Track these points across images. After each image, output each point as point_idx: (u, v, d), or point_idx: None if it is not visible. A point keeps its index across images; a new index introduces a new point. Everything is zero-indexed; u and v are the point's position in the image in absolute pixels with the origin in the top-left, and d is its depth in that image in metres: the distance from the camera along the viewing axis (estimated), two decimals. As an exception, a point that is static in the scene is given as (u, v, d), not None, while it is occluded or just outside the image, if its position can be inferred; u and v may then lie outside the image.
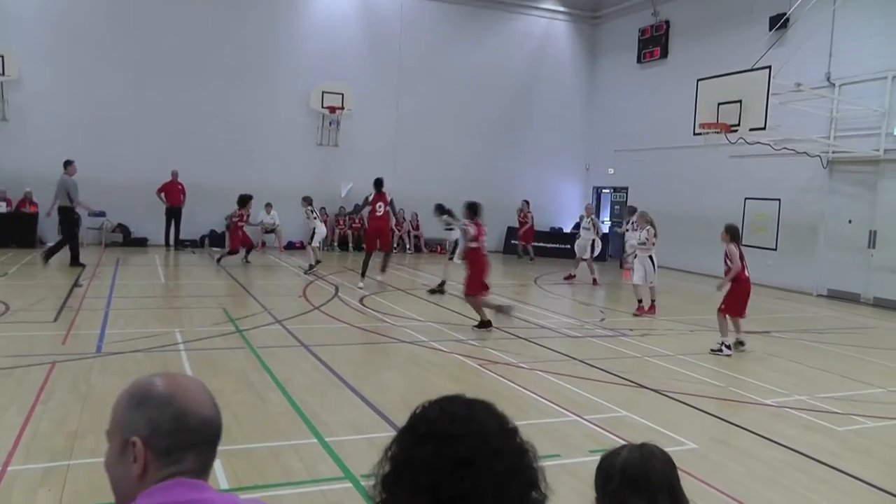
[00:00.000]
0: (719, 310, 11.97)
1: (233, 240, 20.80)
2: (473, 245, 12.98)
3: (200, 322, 12.06)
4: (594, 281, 20.07)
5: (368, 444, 6.69)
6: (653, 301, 15.49)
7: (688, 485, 5.86)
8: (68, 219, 18.10)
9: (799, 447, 7.26)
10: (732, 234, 12.19)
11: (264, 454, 6.33)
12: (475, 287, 12.76)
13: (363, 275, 17.26)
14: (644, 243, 15.60)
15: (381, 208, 17.22)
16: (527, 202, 26.02)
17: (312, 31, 25.86)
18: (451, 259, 18.32)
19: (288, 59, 25.55)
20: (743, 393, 9.37)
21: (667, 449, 2.47)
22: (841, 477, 6.60)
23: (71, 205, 17.89)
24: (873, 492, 6.32)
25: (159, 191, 23.16)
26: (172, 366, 9.09)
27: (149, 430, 1.78)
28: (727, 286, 11.96)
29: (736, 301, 11.94)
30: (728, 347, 11.70)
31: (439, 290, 16.81)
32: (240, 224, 20.62)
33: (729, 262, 11.98)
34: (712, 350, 11.73)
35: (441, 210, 18.35)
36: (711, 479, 6.19)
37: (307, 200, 20.70)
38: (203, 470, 1.82)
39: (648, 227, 15.49)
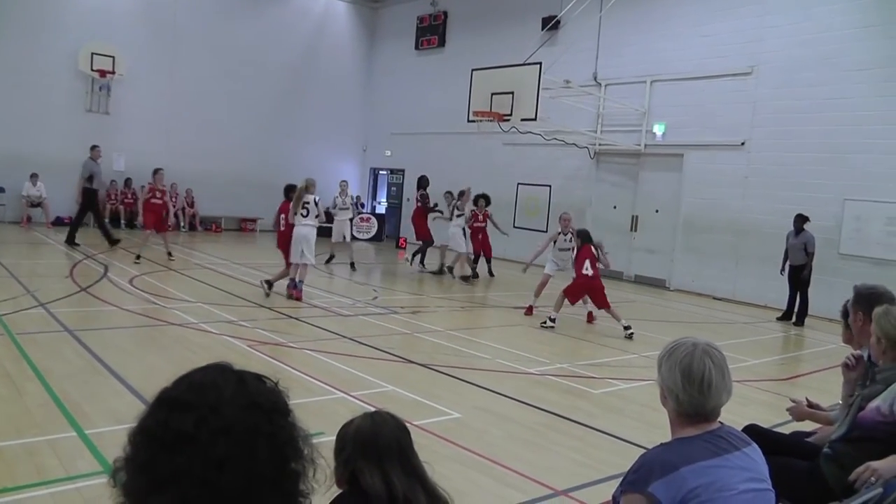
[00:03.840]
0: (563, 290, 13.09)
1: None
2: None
3: (-49, 307, 11.23)
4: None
5: (129, 434, 6.47)
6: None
7: (450, 452, 6.03)
8: (89, 199, 18.92)
9: (557, 410, 7.68)
10: (583, 237, 13.48)
11: (17, 452, 5.87)
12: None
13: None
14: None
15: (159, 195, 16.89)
16: (485, 198, 19.56)
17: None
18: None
19: (55, 14, 23.64)
20: (508, 364, 9.77)
21: (431, 420, 2.57)
22: (595, 434, 7.07)
23: (91, 186, 18.81)
24: (623, 444, 6.79)
25: None
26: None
27: None
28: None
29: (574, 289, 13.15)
30: (552, 321, 12.74)
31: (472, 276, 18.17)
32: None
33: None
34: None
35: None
36: (473, 445, 6.40)
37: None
38: None
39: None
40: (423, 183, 20.06)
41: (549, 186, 22.47)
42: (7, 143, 22.76)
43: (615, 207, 21.04)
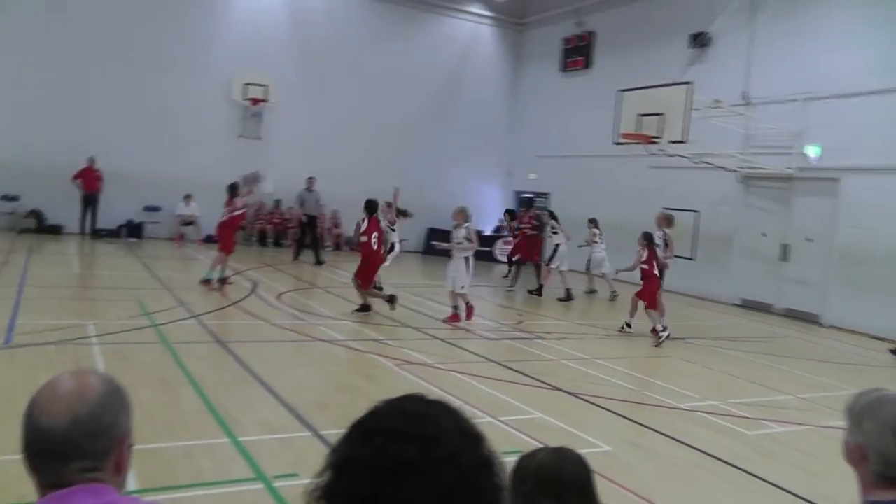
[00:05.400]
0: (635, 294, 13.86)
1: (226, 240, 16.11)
2: (364, 240, 13.87)
3: (115, 315, 11.72)
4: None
5: (281, 444, 6.61)
6: (469, 306, 14.08)
7: (599, 486, 5.91)
8: (303, 223, 22.28)
9: (709, 449, 7.40)
10: (648, 239, 13.90)
11: (175, 454, 6.15)
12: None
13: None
14: (461, 243, 14.01)
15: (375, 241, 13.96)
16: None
17: (237, 19, 25.40)
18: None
19: (211, 47, 24.98)
20: (656, 397, 9.52)
21: (579, 450, 2.47)
22: (749, 478, 6.75)
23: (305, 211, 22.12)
24: (777, 492, 6.48)
25: (75, 177, 22.33)
26: (84, 360, 8.79)
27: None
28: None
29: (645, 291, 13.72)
30: (628, 326, 13.90)
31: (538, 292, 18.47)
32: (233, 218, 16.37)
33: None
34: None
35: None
36: (623, 479, 6.25)
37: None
38: (51, 484, 1.72)
39: (468, 224, 14.01)
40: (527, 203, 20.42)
41: (696, 212, 21.69)
42: (164, 166, 23.86)
43: (764, 235, 20.00)
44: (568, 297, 18.09)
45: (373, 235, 13.55)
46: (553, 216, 19.48)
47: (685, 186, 21.79)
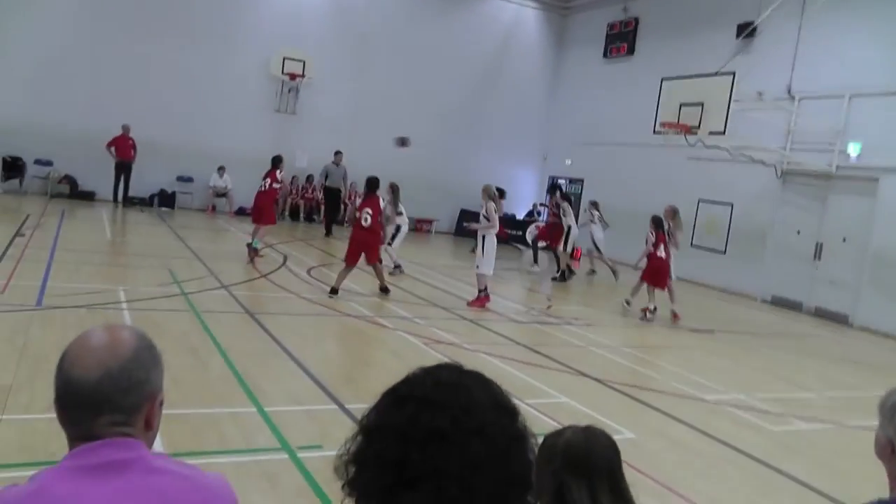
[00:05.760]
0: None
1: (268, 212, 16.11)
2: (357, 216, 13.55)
3: (145, 282, 11.84)
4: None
5: (307, 415, 6.66)
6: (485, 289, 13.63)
7: (626, 475, 5.88)
8: (328, 196, 23.21)
9: (733, 442, 7.38)
10: (658, 224, 14.78)
11: (202, 420, 6.23)
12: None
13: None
14: (480, 222, 13.88)
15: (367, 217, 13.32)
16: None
17: (279, -6, 25.43)
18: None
19: (250, 21, 24.98)
20: (682, 388, 9.48)
21: None
22: (772, 473, 6.72)
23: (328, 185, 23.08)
24: (800, 488, 6.46)
25: (109, 144, 22.37)
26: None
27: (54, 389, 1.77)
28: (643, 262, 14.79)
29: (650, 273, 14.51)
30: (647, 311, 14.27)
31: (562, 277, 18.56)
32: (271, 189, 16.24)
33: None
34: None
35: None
36: (648, 469, 6.23)
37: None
38: (81, 437, 1.71)
39: (490, 202, 13.60)
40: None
41: (731, 205, 21.48)
42: (198, 137, 24.05)
43: (799, 232, 19.77)
44: (563, 277, 18.67)
45: (364, 210, 13.15)
46: (567, 199, 19.56)
47: (722, 179, 21.55)
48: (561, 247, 18.74)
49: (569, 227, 18.78)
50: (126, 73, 23.22)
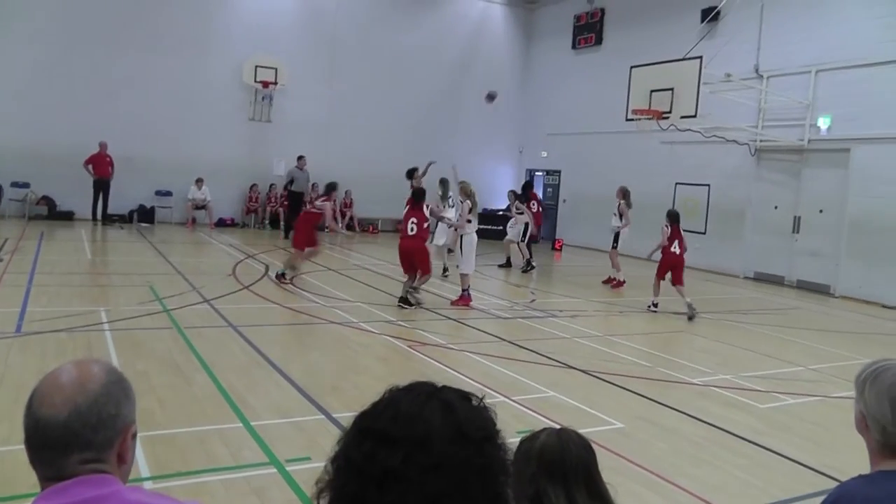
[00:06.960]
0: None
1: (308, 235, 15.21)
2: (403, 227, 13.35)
3: (127, 301, 11.74)
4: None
5: (294, 428, 6.62)
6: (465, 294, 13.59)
7: (614, 463, 5.90)
8: (292, 200, 23.23)
9: (722, 424, 7.41)
10: (673, 218, 14.40)
11: (188, 439, 6.17)
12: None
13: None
14: (461, 220, 14.15)
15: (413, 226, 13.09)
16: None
17: (245, 2, 25.32)
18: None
19: (220, 30, 24.88)
20: (669, 373, 9.52)
21: (593, 429, 2.48)
22: (762, 452, 6.76)
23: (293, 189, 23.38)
24: (791, 465, 6.49)
25: (86, 162, 22.22)
26: (96, 347, 8.83)
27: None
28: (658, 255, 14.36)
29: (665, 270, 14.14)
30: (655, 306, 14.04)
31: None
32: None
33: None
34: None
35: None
36: (637, 457, 6.25)
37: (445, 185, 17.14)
38: (52, 477, 1.69)
39: (467, 200, 14.01)
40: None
41: (708, 186, 21.64)
42: (175, 150, 23.96)
43: (776, 207, 19.97)
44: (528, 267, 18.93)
45: (410, 221, 13.17)
46: (517, 196, 19.75)
47: (697, 161, 21.82)
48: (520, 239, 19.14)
49: (526, 224, 19.08)
50: (99, 89, 23.06)
